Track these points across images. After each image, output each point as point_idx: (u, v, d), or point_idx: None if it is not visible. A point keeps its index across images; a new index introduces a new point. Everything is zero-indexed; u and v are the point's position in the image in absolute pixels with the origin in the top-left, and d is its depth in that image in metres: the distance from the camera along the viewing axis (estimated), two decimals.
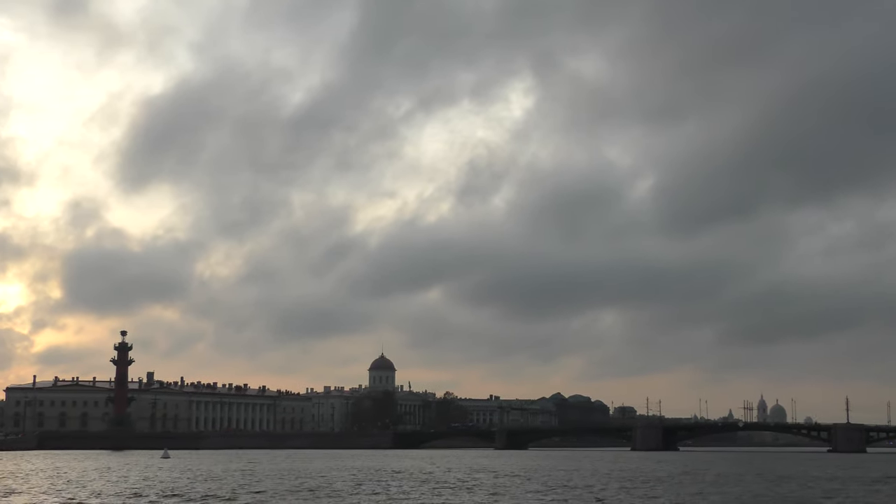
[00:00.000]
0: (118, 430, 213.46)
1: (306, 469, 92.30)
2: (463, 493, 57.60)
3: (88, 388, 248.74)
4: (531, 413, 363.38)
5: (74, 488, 60.20)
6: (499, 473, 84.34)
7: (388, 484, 65.56)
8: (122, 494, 55.26)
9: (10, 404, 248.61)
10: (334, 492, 57.63)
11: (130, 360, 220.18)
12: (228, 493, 56.22)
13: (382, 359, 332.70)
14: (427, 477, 76.10)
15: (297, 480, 70.00)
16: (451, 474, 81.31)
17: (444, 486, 63.48)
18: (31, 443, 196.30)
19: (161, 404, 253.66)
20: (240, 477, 74.24)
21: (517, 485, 66.32)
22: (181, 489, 59.68)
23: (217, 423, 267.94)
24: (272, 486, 62.24)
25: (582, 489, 61.99)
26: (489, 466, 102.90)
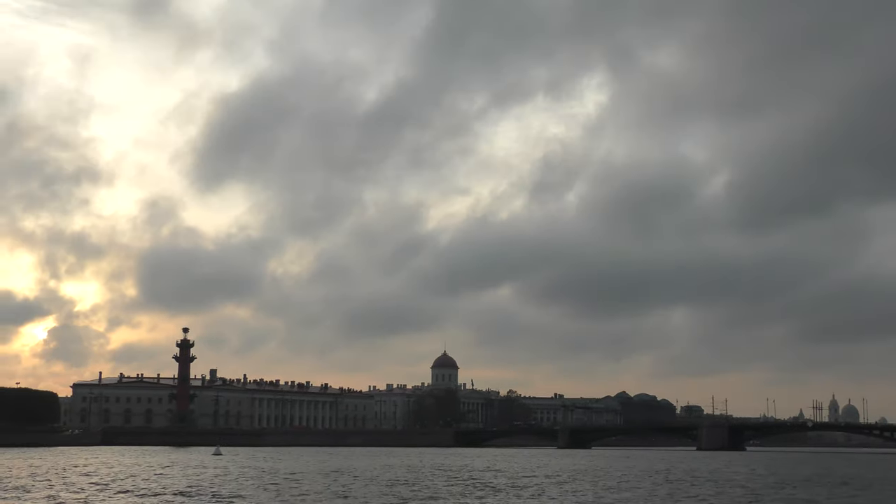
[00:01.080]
0: (180, 426, 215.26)
1: (360, 467, 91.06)
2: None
3: (152, 385, 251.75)
4: (595, 412, 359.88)
5: (88, 485, 59.54)
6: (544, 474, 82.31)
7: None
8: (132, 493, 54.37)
9: (76, 400, 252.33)
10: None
11: (192, 357, 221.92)
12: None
13: (445, 356, 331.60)
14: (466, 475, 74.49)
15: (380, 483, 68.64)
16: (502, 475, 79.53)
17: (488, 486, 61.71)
18: (96, 438, 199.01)
19: (224, 401, 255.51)
20: (269, 477, 72.87)
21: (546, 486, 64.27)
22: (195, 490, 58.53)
23: (279, 420, 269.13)
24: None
25: (622, 490, 59.87)
26: (545, 466, 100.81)
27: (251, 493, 52.28)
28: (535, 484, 63.67)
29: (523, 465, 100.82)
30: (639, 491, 57.95)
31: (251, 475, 71.63)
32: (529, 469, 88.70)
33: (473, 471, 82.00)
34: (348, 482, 62.78)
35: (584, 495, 53.44)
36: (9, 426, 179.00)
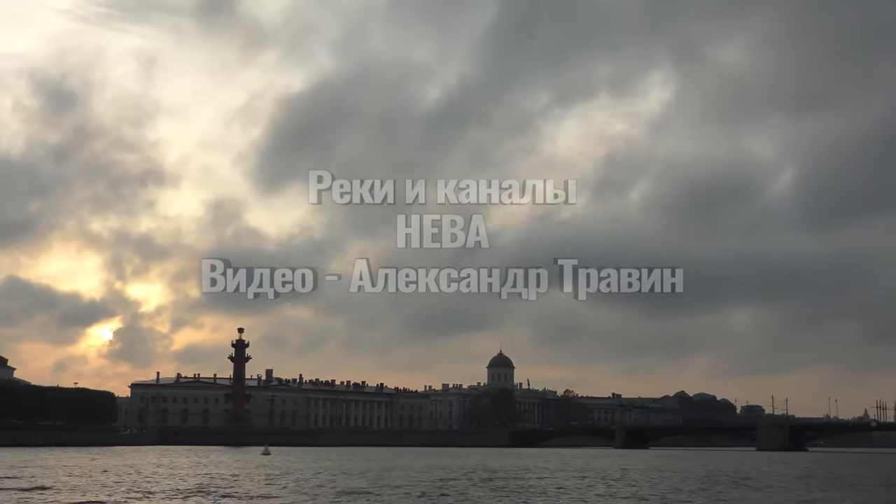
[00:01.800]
0: (235, 426, 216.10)
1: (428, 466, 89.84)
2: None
3: (209, 385, 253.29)
4: (653, 411, 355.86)
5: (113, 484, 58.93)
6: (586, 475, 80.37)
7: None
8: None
9: (134, 400, 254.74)
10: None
11: (248, 358, 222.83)
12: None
13: (501, 356, 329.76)
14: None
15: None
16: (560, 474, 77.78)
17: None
18: (151, 438, 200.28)
19: (279, 401, 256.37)
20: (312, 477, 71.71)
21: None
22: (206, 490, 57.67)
23: (335, 420, 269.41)
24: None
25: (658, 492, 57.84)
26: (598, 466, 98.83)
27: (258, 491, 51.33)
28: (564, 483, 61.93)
29: (569, 464, 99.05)
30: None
31: (269, 474, 70.86)
32: (575, 469, 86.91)
33: (510, 470, 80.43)
34: (371, 482, 61.49)
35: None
36: (66, 426, 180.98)
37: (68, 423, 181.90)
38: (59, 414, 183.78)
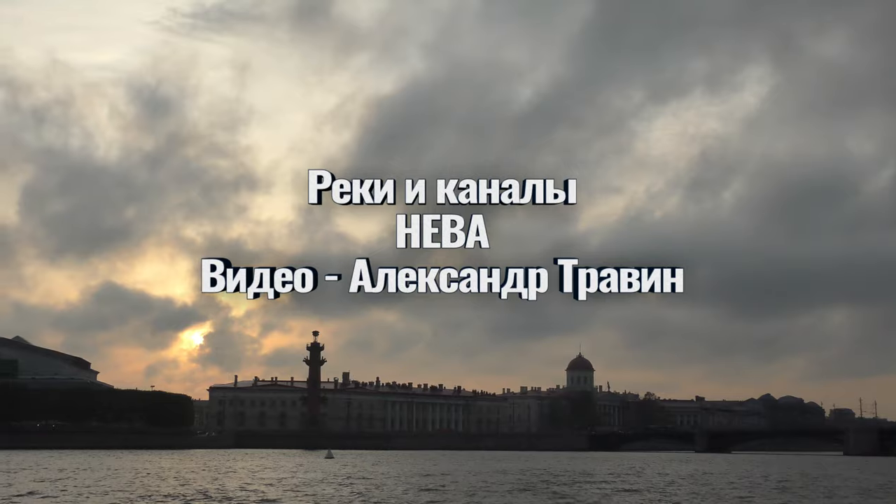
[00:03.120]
0: (311, 429, 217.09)
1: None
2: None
3: (286, 388, 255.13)
4: (737, 415, 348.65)
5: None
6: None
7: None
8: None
9: (213, 404, 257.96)
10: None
11: (323, 361, 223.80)
12: None
13: (580, 358, 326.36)
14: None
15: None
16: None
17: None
18: (228, 441, 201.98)
19: (356, 404, 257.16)
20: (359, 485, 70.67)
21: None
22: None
23: (412, 423, 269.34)
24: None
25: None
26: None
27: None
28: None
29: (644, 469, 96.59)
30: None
31: (315, 478, 70.16)
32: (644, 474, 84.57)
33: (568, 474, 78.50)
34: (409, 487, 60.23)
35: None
36: (143, 428, 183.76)
37: (145, 426, 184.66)
38: (138, 417, 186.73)
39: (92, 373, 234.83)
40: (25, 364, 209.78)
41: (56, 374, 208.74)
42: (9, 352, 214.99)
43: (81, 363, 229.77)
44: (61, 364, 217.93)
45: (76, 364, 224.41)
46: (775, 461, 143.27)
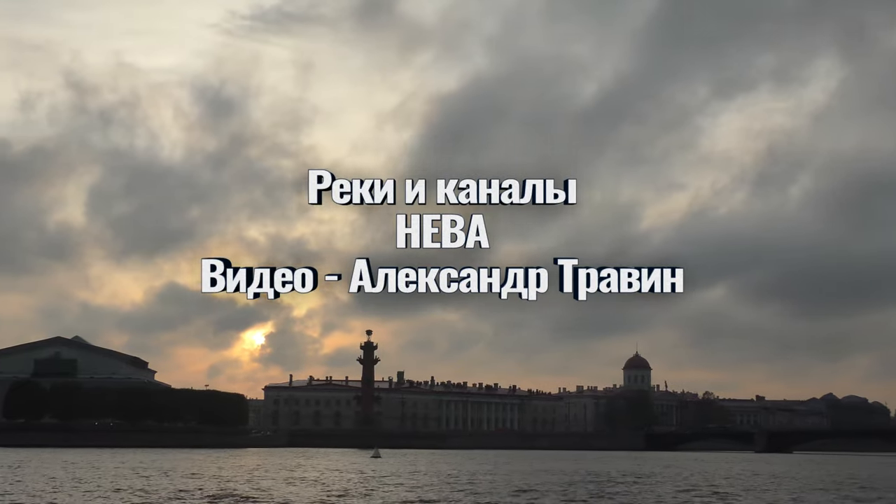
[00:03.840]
0: (365, 428, 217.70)
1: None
2: None
3: (340, 388, 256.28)
4: (799, 415, 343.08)
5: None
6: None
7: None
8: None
9: (268, 403, 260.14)
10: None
11: (376, 360, 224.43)
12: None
13: (637, 357, 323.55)
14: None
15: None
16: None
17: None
18: (282, 440, 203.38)
19: (410, 404, 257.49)
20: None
21: None
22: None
23: (466, 422, 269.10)
24: None
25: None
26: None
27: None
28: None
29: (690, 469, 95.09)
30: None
31: (337, 478, 69.98)
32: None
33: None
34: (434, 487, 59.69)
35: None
36: (197, 428, 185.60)
37: (199, 426, 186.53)
38: (192, 416, 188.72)
39: (149, 372, 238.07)
40: (84, 363, 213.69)
41: (114, 373, 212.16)
42: (69, 351, 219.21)
43: (139, 363, 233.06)
44: (119, 364, 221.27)
45: (133, 364, 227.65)
46: (841, 462, 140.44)
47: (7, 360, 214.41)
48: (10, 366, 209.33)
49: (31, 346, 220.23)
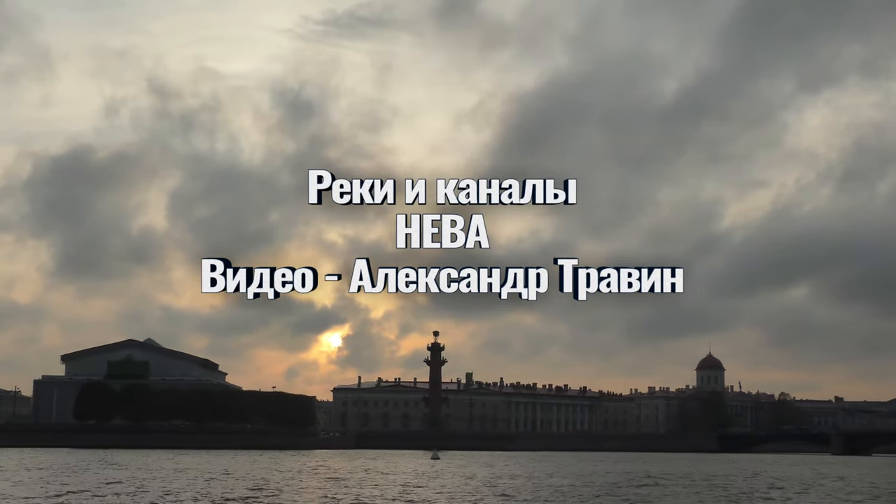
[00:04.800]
0: (432, 430, 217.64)
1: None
2: None
3: (408, 389, 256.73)
4: (880, 416, 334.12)
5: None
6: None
7: None
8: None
9: (337, 405, 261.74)
10: None
11: (444, 361, 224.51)
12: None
13: (710, 358, 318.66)
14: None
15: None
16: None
17: None
18: (350, 442, 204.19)
19: (479, 405, 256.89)
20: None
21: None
22: None
23: (535, 424, 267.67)
24: None
25: None
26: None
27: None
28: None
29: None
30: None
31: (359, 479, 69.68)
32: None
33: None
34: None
35: None
36: (265, 429, 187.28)
37: (267, 427, 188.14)
38: (260, 418, 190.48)
39: (220, 374, 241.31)
40: (156, 366, 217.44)
41: (185, 375, 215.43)
42: (141, 354, 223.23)
43: (210, 365, 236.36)
44: (190, 366, 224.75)
45: (204, 366, 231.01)
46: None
47: (82, 362, 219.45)
48: (85, 368, 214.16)
49: (104, 349, 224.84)
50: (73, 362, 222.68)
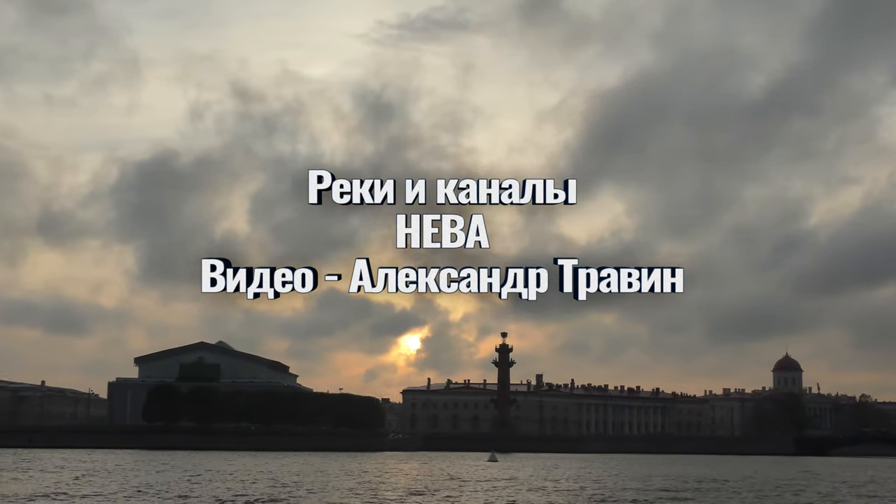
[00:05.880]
0: (500, 431, 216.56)
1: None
2: None
3: (478, 391, 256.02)
4: None
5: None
6: None
7: None
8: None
9: (406, 406, 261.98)
10: None
11: (512, 363, 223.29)
12: None
13: (787, 359, 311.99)
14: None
15: None
16: None
17: None
18: (417, 444, 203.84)
19: (550, 407, 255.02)
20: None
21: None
22: None
23: (606, 426, 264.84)
24: None
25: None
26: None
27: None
28: None
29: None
30: None
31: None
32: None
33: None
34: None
35: None
36: (332, 431, 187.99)
37: (334, 429, 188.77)
38: (328, 420, 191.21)
39: (290, 376, 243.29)
40: (227, 368, 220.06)
41: (254, 378, 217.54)
42: (212, 356, 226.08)
43: (280, 367, 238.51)
44: (261, 368, 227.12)
45: (274, 368, 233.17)
46: None
47: (155, 364, 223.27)
48: (158, 371, 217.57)
49: (176, 352, 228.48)
50: (146, 365, 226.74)
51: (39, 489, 57.98)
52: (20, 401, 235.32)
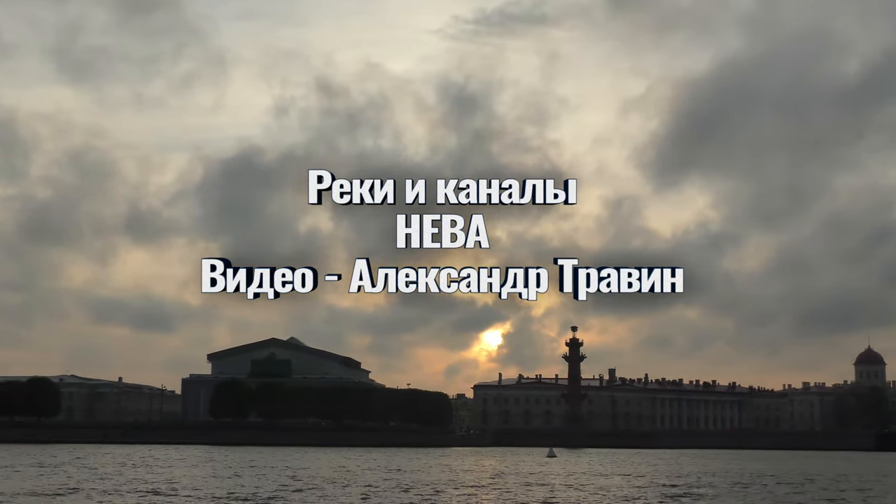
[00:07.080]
0: (571, 427, 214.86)
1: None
2: None
3: (549, 386, 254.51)
4: None
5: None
6: None
7: None
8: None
9: (478, 402, 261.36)
10: None
11: (582, 357, 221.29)
12: None
13: (869, 352, 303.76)
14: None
15: None
16: None
17: None
18: (487, 440, 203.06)
19: (622, 402, 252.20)
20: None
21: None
22: None
23: (681, 421, 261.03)
24: None
25: None
26: None
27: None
28: None
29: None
30: None
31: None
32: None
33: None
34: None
35: None
36: (401, 426, 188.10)
37: (403, 424, 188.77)
38: (397, 415, 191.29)
39: (363, 372, 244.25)
40: (298, 364, 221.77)
41: (325, 373, 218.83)
42: (283, 352, 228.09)
43: (351, 363, 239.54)
44: (332, 364, 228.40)
45: (346, 364, 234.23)
46: None
47: (227, 361, 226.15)
48: (230, 367, 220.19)
49: (248, 348, 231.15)
50: (219, 361, 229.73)
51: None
52: (98, 397, 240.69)
